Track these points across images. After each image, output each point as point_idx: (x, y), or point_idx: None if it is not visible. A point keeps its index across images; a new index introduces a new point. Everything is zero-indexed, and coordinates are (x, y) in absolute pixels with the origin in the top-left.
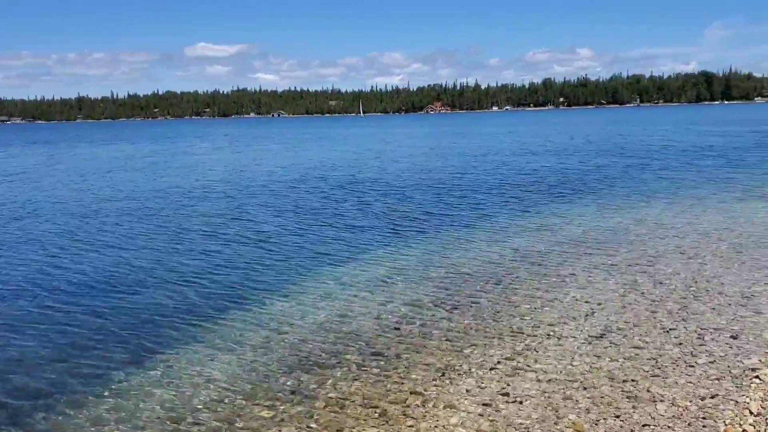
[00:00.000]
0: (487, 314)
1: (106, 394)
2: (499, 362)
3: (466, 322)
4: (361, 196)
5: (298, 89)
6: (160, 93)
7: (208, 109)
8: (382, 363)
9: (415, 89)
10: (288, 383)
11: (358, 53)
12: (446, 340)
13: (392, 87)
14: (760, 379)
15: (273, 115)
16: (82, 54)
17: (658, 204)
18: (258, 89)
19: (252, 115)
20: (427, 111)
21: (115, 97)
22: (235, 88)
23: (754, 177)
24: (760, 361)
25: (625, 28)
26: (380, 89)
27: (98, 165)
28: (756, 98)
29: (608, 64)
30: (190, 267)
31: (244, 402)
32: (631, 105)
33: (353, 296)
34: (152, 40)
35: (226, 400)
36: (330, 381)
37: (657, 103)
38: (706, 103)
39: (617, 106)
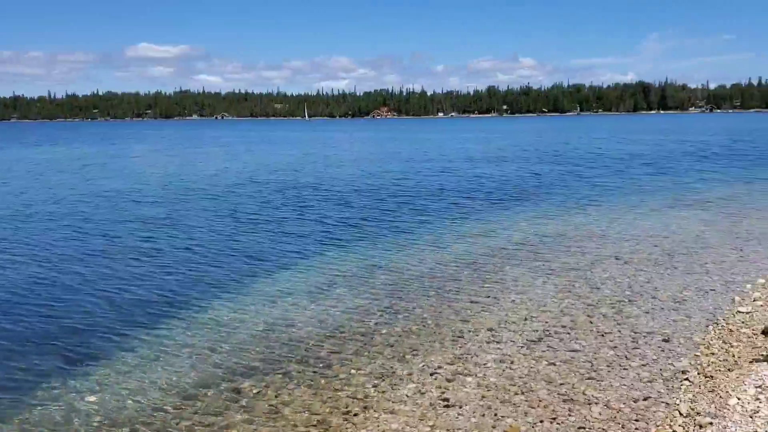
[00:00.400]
0: (428, 319)
1: (34, 403)
2: (440, 367)
3: (407, 327)
4: (302, 201)
5: (243, 91)
6: (100, 93)
7: (149, 111)
8: (323, 369)
9: (361, 94)
10: (227, 391)
11: (304, 56)
12: (387, 345)
13: (339, 91)
14: (689, 381)
15: (217, 118)
16: (18, 52)
17: (595, 211)
18: (201, 91)
19: (195, 117)
20: (373, 116)
21: (52, 97)
22: (178, 90)
23: (682, 185)
24: (689, 363)
25: (566, 38)
26: (327, 93)
27: (28, 167)
28: (690, 108)
29: (550, 74)
30: (124, 273)
31: (181, 410)
32: (572, 114)
33: (294, 303)
34: (91, 39)
35: (163, 409)
36: (270, 388)
37: (596, 112)
38: (643, 112)
39: (558, 114)
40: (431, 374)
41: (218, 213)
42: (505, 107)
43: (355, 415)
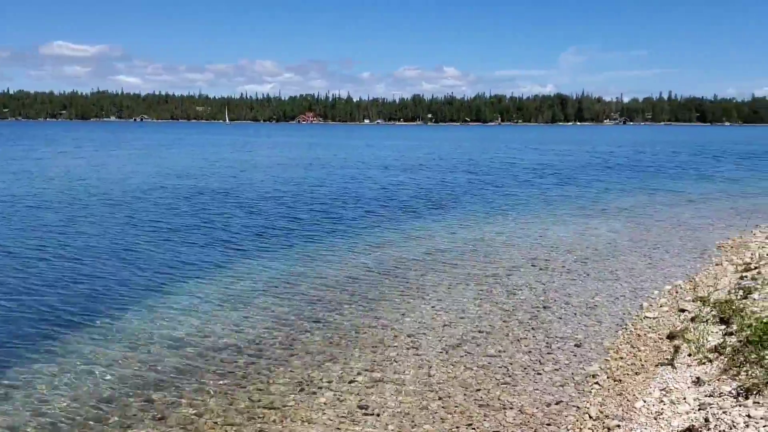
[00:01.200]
0: (348, 327)
1: None
2: (359, 374)
3: (327, 335)
4: (217, 208)
5: (164, 93)
6: (11, 92)
7: (64, 111)
8: (240, 379)
9: (287, 98)
10: (138, 403)
11: (228, 60)
12: (306, 353)
13: (263, 95)
14: (599, 385)
15: (136, 120)
16: None
17: (512, 219)
18: (120, 92)
19: (113, 118)
20: (299, 121)
21: None
22: (95, 90)
23: (591, 195)
24: (600, 367)
25: (489, 50)
26: (251, 97)
27: None
28: (605, 120)
29: (473, 84)
30: (28, 282)
31: (90, 424)
32: (493, 123)
33: (211, 312)
34: (2, 36)
35: (71, 423)
36: (184, 399)
37: (517, 122)
38: (561, 123)
39: (481, 124)
40: (350, 382)
41: (126, 220)
42: (429, 116)
43: (272, 424)
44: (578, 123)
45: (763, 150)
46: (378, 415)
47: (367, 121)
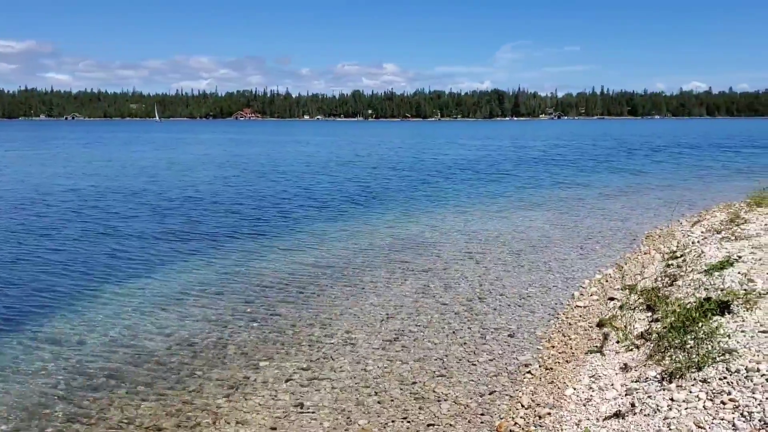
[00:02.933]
0: (285, 325)
1: None
2: (294, 373)
3: (263, 334)
4: (151, 207)
5: (96, 91)
6: None
7: None
8: (173, 381)
9: (224, 95)
10: (67, 408)
11: (162, 56)
12: (242, 354)
13: (199, 92)
14: (531, 374)
15: (67, 118)
16: None
17: (450, 213)
18: (50, 89)
19: (43, 117)
20: (236, 117)
21: None
22: (23, 88)
23: (529, 187)
24: (532, 356)
25: (428, 47)
26: (186, 94)
27: None
28: (541, 115)
29: (412, 80)
30: None
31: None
32: (433, 119)
33: (142, 314)
34: None
35: None
36: (115, 403)
37: (456, 117)
38: (499, 118)
39: (420, 119)
40: (286, 381)
41: (53, 221)
42: (370, 112)
43: (205, 427)
44: (515, 118)
45: (676, 142)
46: (314, 412)
47: (306, 117)
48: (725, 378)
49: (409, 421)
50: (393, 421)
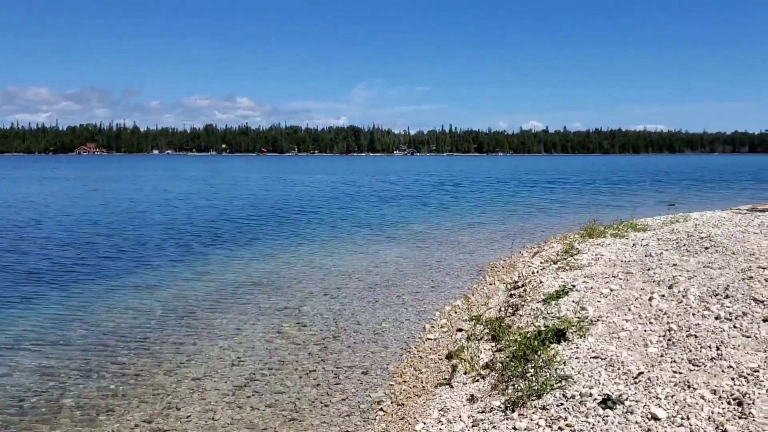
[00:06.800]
0: (127, 375)
1: None
2: (137, 426)
3: (102, 385)
4: None
5: None
6: None
7: None
8: None
9: (65, 128)
10: None
11: None
12: (78, 408)
13: (38, 125)
14: (383, 411)
15: None
16: None
17: (305, 249)
18: None
19: None
20: (79, 152)
21: None
22: None
23: (382, 221)
24: (384, 393)
25: (282, 82)
26: (23, 127)
27: None
28: (395, 151)
29: (268, 114)
30: None
31: None
32: (290, 154)
33: None
34: None
35: None
36: None
37: (313, 152)
38: (355, 154)
39: (277, 154)
40: None
41: None
42: (224, 146)
43: None
44: (371, 154)
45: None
46: None
47: (155, 151)
48: (562, 404)
49: None
50: None
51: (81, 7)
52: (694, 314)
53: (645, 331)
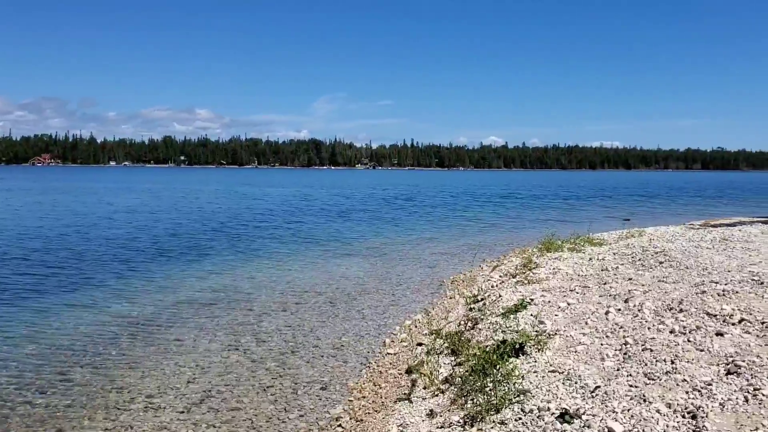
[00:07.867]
0: (78, 392)
1: None
2: None
3: (52, 403)
4: None
5: None
6: None
7: None
8: None
9: (19, 138)
10: None
11: None
12: (25, 427)
13: None
14: (342, 427)
15: None
16: None
17: (264, 263)
18: None
19: None
20: (33, 163)
21: None
22: None
23: (342, 236)
24: (343, 409)
25: (242, 94)
26: None
27: None
28: (357, 165)
29: (227, 126)
30: None
31: None
32: (250, 166)
33: None
34: None
35: None
36: None
37: (273, 165)
38: (316, 167)
39: (237, 166)
40: None
41: None
42: (183, 158)
43: None
44: (332, 167)
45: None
46: None
47: (113, 163)
48: (520, 419)
49: None
50: None
51: (34, 15)
52: (649, 328)
53: (602, 344)
